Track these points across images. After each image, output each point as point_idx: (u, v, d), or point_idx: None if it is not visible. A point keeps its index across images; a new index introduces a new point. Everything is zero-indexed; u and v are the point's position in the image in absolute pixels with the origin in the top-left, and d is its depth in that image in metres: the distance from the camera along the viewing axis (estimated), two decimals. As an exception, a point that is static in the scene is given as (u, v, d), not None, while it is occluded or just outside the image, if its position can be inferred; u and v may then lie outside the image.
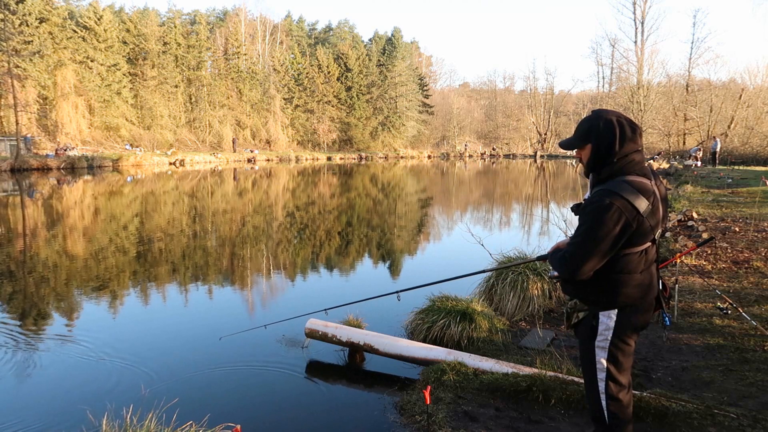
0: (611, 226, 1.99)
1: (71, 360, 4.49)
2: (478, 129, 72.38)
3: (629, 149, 2.10)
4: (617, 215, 1.99)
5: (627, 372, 2.23)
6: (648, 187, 2.06)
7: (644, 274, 2.13)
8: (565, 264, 2.12)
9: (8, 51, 29.71)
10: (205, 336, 5.03)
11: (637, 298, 2.13)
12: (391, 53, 63.64)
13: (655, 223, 2.08)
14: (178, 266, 8.17)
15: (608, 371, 2.17)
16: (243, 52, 52.73)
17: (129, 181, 25.31)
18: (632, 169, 2.10)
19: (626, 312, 2.13)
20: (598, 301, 2.16)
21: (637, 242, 2.07)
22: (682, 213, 10.45)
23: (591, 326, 2.18)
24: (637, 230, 2.03)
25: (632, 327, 2.17)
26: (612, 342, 2.15)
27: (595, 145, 2.14)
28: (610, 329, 2.14)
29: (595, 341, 2.18)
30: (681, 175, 22.89)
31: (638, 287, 2.12)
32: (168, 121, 44.21)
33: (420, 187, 23.95)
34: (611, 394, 2.19)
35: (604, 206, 2.00)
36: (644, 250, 2.11)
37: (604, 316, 2.14)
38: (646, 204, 2.02)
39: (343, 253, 9.48)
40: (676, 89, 42.27)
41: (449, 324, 4.59)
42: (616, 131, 2.11)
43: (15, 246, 9.72)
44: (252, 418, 3.48)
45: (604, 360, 2.17)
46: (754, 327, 4.52)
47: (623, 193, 2.00)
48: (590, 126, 2.17)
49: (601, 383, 2.19)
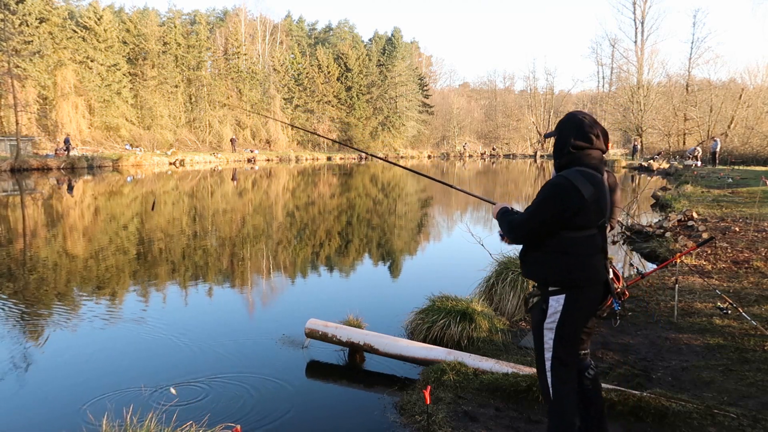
0: (557, 201, 2.28)
1: (71, 360, 4.49)
2: (478, 129, 72.36)
3: (585, 145, 2.38)
4: (563, 194, 2.27)
5: (573, 355, 2.43)
6: (596, 179, 2.34)
7: (590, 259, 2.36)
8: (514, 226, 2.42)
9: (8, 51, 29.69)
10: (205, 336, 5.03)
11: (582, 281, 2.34)
12: (391, 53, 63.63)
13: (599, 210, 2.35)
14: (178, 266, 8.17)
15: (554, 351, 2.38)
16: (243, 52, 52.72)
17: (129, 181, 25.32)
18: (585, 162, 2.38)
19: (573, 297, 2.34)
20: (549, 282, 2.38)
21: (581, 225, 2.32)
22: (682, 213, 10.45)
23: (541, 309, 2.40)
24: (580, 213, 2.28)
25: (579, 311, 2.37)
26: (559, 324, 2.35)
27: (559, 136, 2.47)
28: (558, 312, 2.35)
29: (545, 323, 2.39)
30: (681, 175, 22.89)
31: (584, 271, 2.34)
32: (168, 121, 44.20)
33: (420, 187, 23.96)
34: (556, 373, 2.38)
35: (554, 185, 2.32)
36: (590, 236, 2.36)
37: (553, 300, 2.36)
38: (592, 191, 2.29)
39: (343, 253, 9.48)
40: (676, 89, 42.25)
41: (449, 324, 4.59)
42: (575, 127, 2.41)
43: (14, 246, 9.73)
44: (252, 418, 3.48)
45: (551, 340, 2.37)
46: (754, 327, 4.52)
47: (572, 178, 2.30)
48: (560, 121, 2.53)
49: (547, 362, 2.40)
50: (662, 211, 13.16)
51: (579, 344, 2.47)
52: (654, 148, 41.96)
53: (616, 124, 51.72)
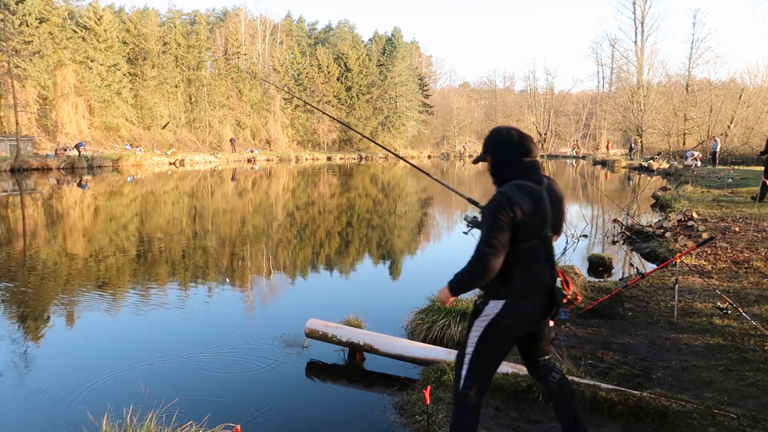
0: (504, 215, 2.27)
1: (71, 360, 4.49)
2: (478, 129, 72.33)
3: (519, 157, 2.39)
4: (505, 212, 2.26)
5: (496, 356, 2.47)
6: (534, 191, 2.33)
7: (533, 269, 2.37)
8: (481, 260, 2.32)
9: (8, 51, 29.70)
10: (205, 336, 5.03)
11: (525, 291, 2.36)
12: (391, 53, 63.63)
13: (541, 222, 2.34)
14: (177, 266, 8.17)
15: (476, 347, 2.43)
16: (243, 52, 52.73)
17: (129, 181, 25.32)
18: (522, 174, 2.37)
19: (512, 303, 2.37)
20: (491, 290, 2.42)
21: (523, 238, 2.31)
22: (682, 213, 10.45)
23: (478, 308, 2.47)
24: (522, 227, 2.28)
25: (514, 318, 2.38)
26: (489, 324, 2.40)
27: (492, 155, 2.46)
28: (492, 315, 2.39)
29: (476, 320, 2.45)
30: (681, 175, 22.88)
31: (526, 281, 2.35)
32: (168, 121, 44.21)
33: (420, 187, 23.97)
34: (472, 367, 2.44)
35: (495, 206, 2.29)
36: (532, 246, 2.36)
37: (492, 303, 2.40)
38: (531, 204, 2.29)
39: (343, 253, 9.48)
40: (676, 89, 42.24)
41: (449, 324, 4.59)
42: (507, 143, 2.41)
43: (14, 246, 9.73)
44: (252, 418, 3.48)
45: (476, 337, 2.43)
46: (754, 327, 4.52)
47: (511, 194, 2.29)
48: (487, 140, 2.50)
49: (467, 355, 2.45)
50: (662, 211, 13.16)
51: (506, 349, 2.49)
52: (654, 148, 41.96)
53: (616, 124, 51.74)
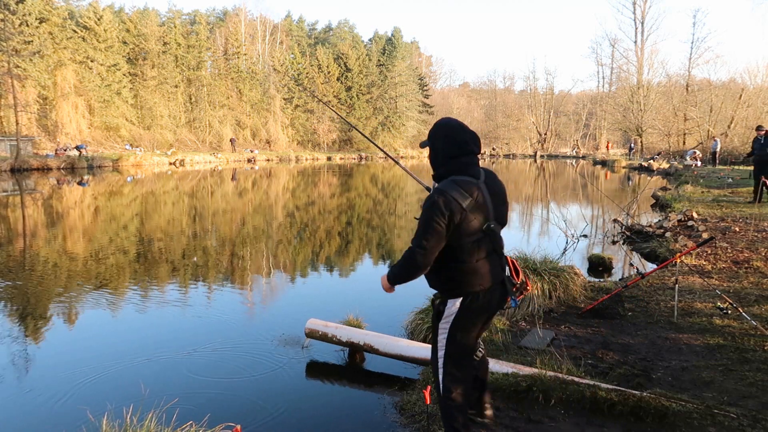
0: (439, 219, 2.27)
1: (71, 360, 4.49)
2: (478, 129, 72.25)
3: (458, 153, 2.40)
4: (443, 209, 2.27)
5: (467, 353, 2.52)
6: (472, 185, 2.35)
7: (481, 262, 2.39)
8: (411, 258, 2.35)
9: (8, 51, 29.71)
10: (205, 336, 5.03)
11: (476, 284, 2.39)
12: (391, 53, 63.66)
13: (482, 216, 2.36)
14: (177, 266, 8.17)
15: (446, 349, 2.47)
16: (243, 52, 52.75)
17: (129, 181, 25.32)
18: (460, 170, 2.39)
19: (468, 299, 2.41)
20: (445, 289, 2.46)
21: (466, 233, 2.33)
22: (682, 213, 10.45)
23: (439, 310, 2.50)
24: (462, 223, 2.30)
25: (473, 312, 2.44)
26: (452, 324, 2.44)
27: (431, 148, 2.48)
28: (452, 314, 2.43)
29: (440, 322, 2.49)
30: (681, 175, 22.89)
31: (475, 274, 2.38)
32: (168, 121, 44.23)
33: (420, 187, 23.96)
34: (448, 370, 2.47)
35: (432, 203, 2.30)
36: (477, 240, 2.37)
37: (450, 303, 2.44)
38: (470, 200, 2.30)
39: (343, 253, 9.48)
40: (676, 89, 42.26)
41: (449, 324, 4.58)
42: (445, 135, 2.42)
43: (14, 246, 9.73)
44: (252, 418, 3.48)
45: (444, 339, 2.47)
46: (754, 327, 4.52)
47: (448, 190, 2.30)
48: (430, 132, 2.51)
49: (440, 360, 2.49)
50: (662, 211, 13.16)
51: (474, 342, 2.55)
52: (654, 148, 41.97)
53: (616, 124, 51.74)
